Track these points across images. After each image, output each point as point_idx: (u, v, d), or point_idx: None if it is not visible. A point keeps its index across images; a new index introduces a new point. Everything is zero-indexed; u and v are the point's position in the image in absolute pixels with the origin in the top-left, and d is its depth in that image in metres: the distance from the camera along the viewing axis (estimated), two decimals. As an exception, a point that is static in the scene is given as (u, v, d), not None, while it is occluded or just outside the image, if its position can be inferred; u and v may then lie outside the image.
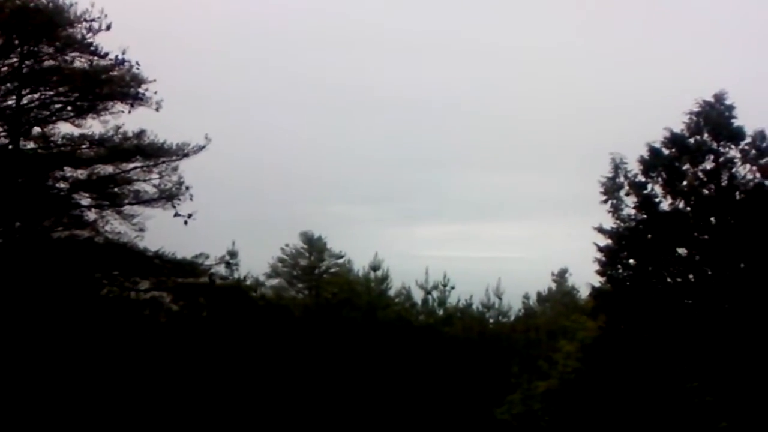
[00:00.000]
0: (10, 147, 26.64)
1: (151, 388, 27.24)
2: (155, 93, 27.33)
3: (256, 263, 37.19)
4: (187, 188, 27.68)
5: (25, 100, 27.22)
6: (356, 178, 60.35)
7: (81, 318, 26.06)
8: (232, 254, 32.24)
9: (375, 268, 38.25)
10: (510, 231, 62.10)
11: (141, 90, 27.39)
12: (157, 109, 27.67)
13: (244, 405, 29.07)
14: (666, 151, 22.70)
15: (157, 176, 27.58)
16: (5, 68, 27.05)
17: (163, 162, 27.39)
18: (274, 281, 42.17)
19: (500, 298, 39.62)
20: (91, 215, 27.82)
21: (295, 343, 31.38)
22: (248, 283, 34.75)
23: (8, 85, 27.16)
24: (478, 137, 64.25)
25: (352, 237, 49.10)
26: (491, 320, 39.40)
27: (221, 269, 30.00)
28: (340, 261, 42.34)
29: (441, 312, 38.27)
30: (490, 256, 55.85)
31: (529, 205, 63.73)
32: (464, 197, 62.84)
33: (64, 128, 27.95)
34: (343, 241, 43.56)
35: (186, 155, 27.61)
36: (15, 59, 26.96)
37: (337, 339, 32.14)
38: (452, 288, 38.48)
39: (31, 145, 27.61)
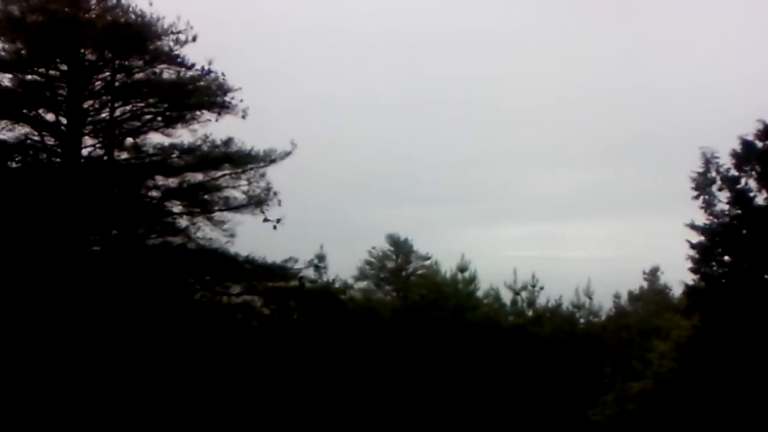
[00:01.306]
0: (105, 158, 28.73)
1: (245, 391, 28.62)
2: (241, 101, 28.99)
3: (343, 266, 38.41)
4: (275, 194, 29.07)
5: (117, 113, 29.23)
6: (434, 178, 61.15)
7: (175, 322, 27.66)
8: (321, 258, 33.62)
9: (462, 269, 39.03)
10: (597, 230, 61.79)
11: (227, 98, 29.08)
12: (243, 117, 29.23)
13: (337, 406, 30.14)
14: (759, 144, 22.79)
15: (246, 183, 29.04)
16: (99, 83, 29.15)
17: (251, 168, 28.79)
18: (362, 284, 43.36)
19: (590, 298, 39.98)
20: (183, 222, 29.50)
21: (384, 344, 32.38)
22: (337, 286, 35.93)
23: (102, 98, 29.27)
24: (558, 135, 64.17)
25: (433, 239, 49.92)
26: (581, 320, 39.75)
27: (310, 273, 31.25)
28: (427, 263, 43.20)
29: (530, 313, 38.79)
30: (579, 256, 55.98)
31: (615, 203, 63.21)
32: (548, 196, 62.87)
33: (155, 138, 29.89)
34: (425, 242, 44.52)
35: (273, 161, 28.96)
36: (107, 74, 29.05)
37: (426, 340, 32.97)
38: (541, 288, 39.05)
39: (124, 155, 29.59)
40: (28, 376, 24.50)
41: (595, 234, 62.40)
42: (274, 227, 28.77)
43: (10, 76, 28.47)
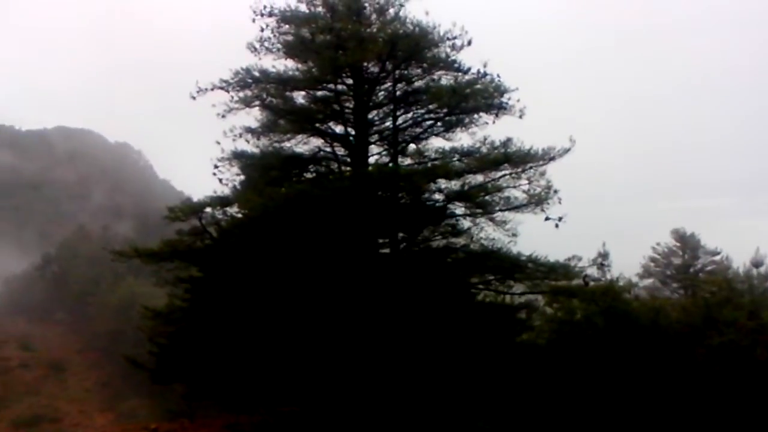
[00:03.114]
0: (390, 165, 31.85)
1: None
2: (518, 101, 30.88)
3: (626, 264, 38.71)
4: (555, 191, 30.26)
5: (400, 121, 32.37)
6: (719, 167, 58.86)
7: (460, 322, 29.89)
8: (604, 255, 34.35)
9: (757, 264, 38.04)
10: None
11: (504, 100, 31.09)
12: (520, 117, 31.11)
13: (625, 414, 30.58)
14: None
15: (526, 182, 30.60)
16: (381, 93, 32.46)
17: (531, 167, 30.28)
18: (647, 281, 43.37)
19: None
20: (466, 223, 31.70)
21: (673, 344, 32.36)
22: (621, 284, 36.38)
23: (385, 108, 32.55)
24: None
25: (722, 232, 48.44)
26: None
27: (593, 271, 32.13)
28: (717, 258, 42.38)
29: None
30: None
31: None
32: None
33: (436, 143, 32.64)
34: (714, 236, 43.64)
35: (552, 159, 30.19)
36: (389, 84, 32.25)
37: (719, 342, 32.41)
38: None
39: (408, 161, 32.57)
40: (333, 373, 27.99)
41: None
42: (556, 225, 29.85)
43: (303, 93, 32.51)
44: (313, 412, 31.03)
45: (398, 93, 32.28)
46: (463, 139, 32.26)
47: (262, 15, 31.48)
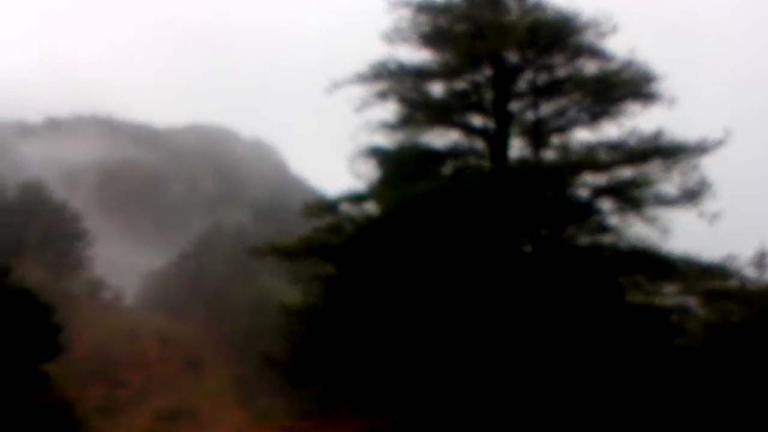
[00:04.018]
0: (532, 158, 31.15)
1: (679, 400, 28.85)
2: (668, 89, 29.62)
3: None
4: (710, 186, 28.95)
5: (542, 112, 31.62)
6: None
7: (605, 323, 28.98)
8: (763, 255, 32.73)
9: None
10: None
11: (652, 88, 29.89)
12: (671, 106, 29.85)
13: None
14: None
15: (678, 176, 29.40)
16: (522, 84, 31.78)
17: (683, 160, 29.08)
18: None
19: None
20: (613, 220, 30.70)
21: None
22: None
23: (526, 99, 31.85)
24: None
25: None
26: None
27: (752, 271, 30.67)
28: None
29: None
30: None
31: None
32: None
33: (581, 135, 31.68)
34: None
35: (706, 151, 28.97)
36: (530, 74, 31.54)
37: None
38: None
39: (550, 154, 31.77)
40: (471, 376, 27.66)
41: None
42: (711, 222, 28.71)
43: (439, 85, 32.24)
44: (450, 415, 30.78)
45: (540, 83, 31.63)
46: (609, 130, 31.19)
47: (397, 5, 31.33)
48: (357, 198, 31.45)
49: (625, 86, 30.14)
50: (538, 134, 31.60)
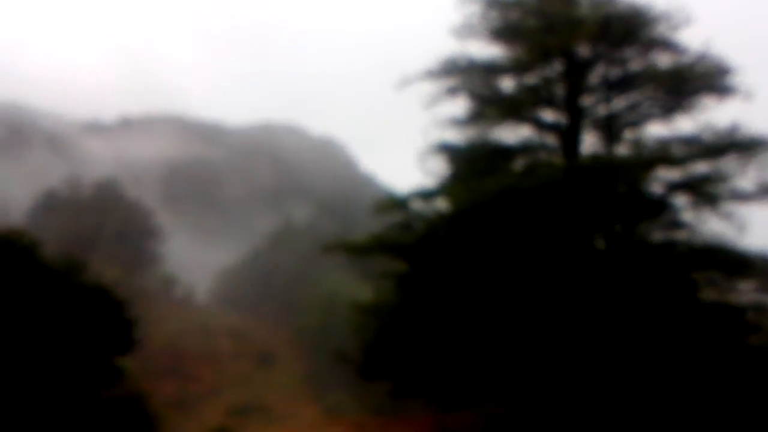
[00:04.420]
0: (604, 154, 31.03)
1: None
2: (745, 82, 29.23)
3: None
4: (788, 182, 28.54)
5: (614, 106, 31.45)
6: None
7: (679, 321, 28.72)
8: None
9: None
10: None
11: (728, 81, 29.53)
12: (747, 99, 29.44)
13: None
14: None
15: (754, 170, 28.91)
16: (593, 78, 31.67)
17: (760, 155, 28.63)
18: None
19: None
20: (687, 216, 30.43)
21: None
22: None
23: (598, 93, 31.73)
24: None
25: None
26: None
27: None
28: None
29: None
30: None
31: None
32: None
33: (654, 129, 31.43)
34: None
35: None
36: (602, 67, 31.42)
37: None
38: None
39: (623, 149, 31.58)
40: (543, 374, 27.74)
41: None
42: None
43: (510, 80, 32.32)
44: (522, 414, 30.87)
45: (612, 76, 31.44)
46: (683, 124, 30.86)
47: (468, 1, 31.51)
48: (427, 195, 31.71)
49: (699, 79, 29.81)
50: (610, 129, 31.43)
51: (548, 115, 32.32)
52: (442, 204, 31.64)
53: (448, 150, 32.62)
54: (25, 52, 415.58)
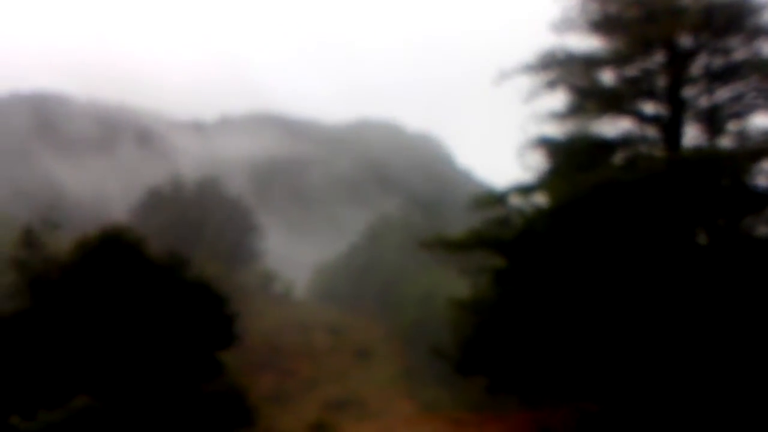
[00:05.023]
0: (707, 146, 30.36)
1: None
2: None
3: None
4: None
5: (717, 97, 30.74)
6: None
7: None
8: None
9: None
10: None
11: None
12: None
13: None
14: None
15: None
16: (697, 68, 30.98)
17: None
18: None
19: None
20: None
21: None
22: None
23: (700, 84, 31.03)
24: None
25: None
26: None
27: None
28: None
29: None
30: None
31: None
32: None
33: (759, 121, 30.62)
34: None
35: None
36: (705, 58, 30.72)
37: None
38: None
39: (727, 141, 30.84)
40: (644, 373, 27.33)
41: None
42: None
43: (610, 73, 31.89)
44: (619, 411, 30.49)
45: (715, 67, 30.78)
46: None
47: None
48: (526, 189, 31.62)
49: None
50: (713, 121, 30.80)
51: (649, 108, 31.83)
52: (541, 198, 31.48)
53: (547, 144, 32.42)
54: (130, 55, 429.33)
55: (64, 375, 33.69)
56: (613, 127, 32.28)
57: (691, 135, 31.27)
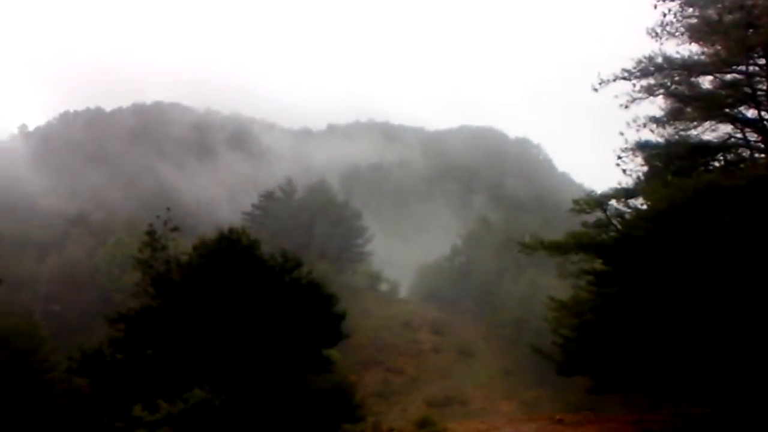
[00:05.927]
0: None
1: None
2: None
3: None
4: None
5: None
6: None
7: None
8: None
9: None
10: None
11: None
12: None
13: None
14: None
15: None
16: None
17: None
18: None
19: None
20: None
21: None
22: None
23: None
24: None
25: None
26: None
27: None
28: None
29: None
30: None
31: None
32: None
33: None
34: None
35: None
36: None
37: None
38: None
39: None
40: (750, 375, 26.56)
41: None
42: None
43: (710, 78, 31.05)
44: (725, 415, 29.68)
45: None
46: None
47: (664, 0, 30.56)
48: (625, 194, 31.11)
49: None
50: (818, 125, 29.58)
51: (751, 112, 30.81)
52: (640, 203, 30.94)
53: (646, 148, 31.78)
54: (249, 71, 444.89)
55: (182, 368, 34.66)
56: (713, 131, 31.43)
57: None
